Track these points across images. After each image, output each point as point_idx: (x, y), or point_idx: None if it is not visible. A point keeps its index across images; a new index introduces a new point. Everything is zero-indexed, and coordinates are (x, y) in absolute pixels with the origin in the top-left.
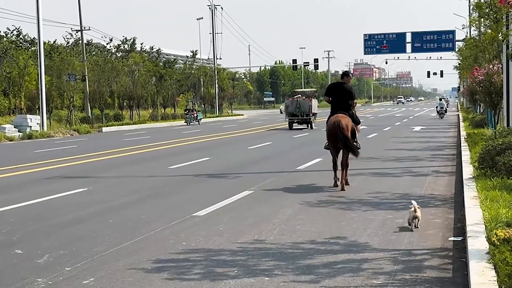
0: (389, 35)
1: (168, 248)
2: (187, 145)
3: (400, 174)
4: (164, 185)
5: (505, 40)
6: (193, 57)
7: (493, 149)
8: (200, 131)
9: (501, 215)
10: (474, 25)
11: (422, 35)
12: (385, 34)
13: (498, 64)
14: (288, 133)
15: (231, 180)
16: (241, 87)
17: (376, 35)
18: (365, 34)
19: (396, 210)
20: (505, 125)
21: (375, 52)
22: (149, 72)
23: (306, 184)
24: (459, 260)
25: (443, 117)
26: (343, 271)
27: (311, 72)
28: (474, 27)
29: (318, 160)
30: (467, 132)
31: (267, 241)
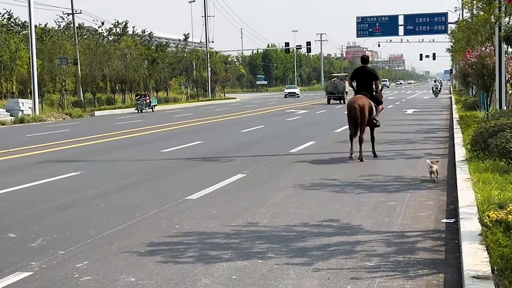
0: (382, 17)
1: (161, 231)
2: (180, 128)
3: (393, 157)
4: (156, 168)
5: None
6: (185, 41)
7: (486, 131)
8: (193, 114)
9: (493, 197)
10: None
11: (415, 18)
12: (377, 16)
13: (490, 46)
14: (281, 116)
15: (224, 163)
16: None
17: (368, 17)
18: (358, 16)
19: (389, 193)
20: (497, 107)
21: (368, 35)
22: (141, 55)
23: (299, 167)
24: (451, 242)
25: (438, 96)
26: (336, 253)
27: (303, 55)
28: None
29: (311, 143)
30: (459, 114)
31: (260, 224)
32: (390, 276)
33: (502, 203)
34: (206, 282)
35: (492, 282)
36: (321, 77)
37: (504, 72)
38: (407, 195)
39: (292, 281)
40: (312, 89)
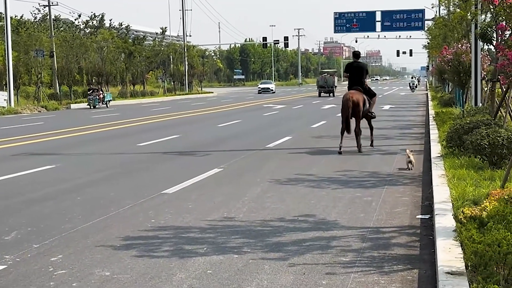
0: (359, 13)
1: (137, 225)
2: (157, 122)
3: (369, 153)
4: (133, 162)
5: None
6: (162, 34)
7: (461, 128)
8: (170, 108)
9: (468, 193)
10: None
11: (392, 14)
12: (355, 12)
13: (466, 43)
14: (258, 111)
15: (200, 157)
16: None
17: (346, 13)
18: (335, 12)
19: (364, 188)
20: (473, 104)
21: (345, 31)
22: (118, 48)
23: (275, 162)
24: (426, 238)
25: (414, 91)
26: (312, 248)
27: (281, 50)
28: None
29: (288, 138)
30: (435, 111)
31: (236, 218)
32: (365, 272)
33: (477, 200)
34: (181, 276)
35: (465, 278)
36: (298, 72)
37: (480, 69)
38: (382, 191)
39: (267, 276)
40: (289, 84)
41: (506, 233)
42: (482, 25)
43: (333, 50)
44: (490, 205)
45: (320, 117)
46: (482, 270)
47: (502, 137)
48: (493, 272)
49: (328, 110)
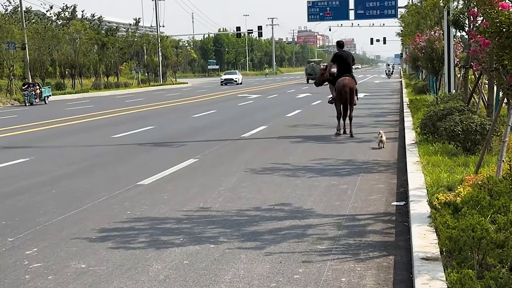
0: (333, 2)
1: (112, 217)
2: (131, 114)
3: (344, 141)
4: (107, 154)
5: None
6: (135, 25)
7: (435, 114)
8: (144, 99)
9: (442, 179)
10: None
11: (365, 2)
12: (328, 1)
13: (439, 30)
14: (233, 100)
15: (175, 148)
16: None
17: (319, 2)
18: (309, 1)
19: (340, 176)
20: (447, 91)
21: (319, 19)
22: (90, 40)
23: (250, 152)
24: (402, 224)
25: (390, 77)
26: (288, 237)
27: (255, 40)
28: None
29: (263, 127)
30: (409, 98)
31: (212, 208)
32: (341, 259)
33: (451, 185)
34: (157, 267)
35: (440, 263)
36: (272, 61)
37: (453, 56)
38: (358, 179)
39: (244, 265)
40: (263, 73)
41: (480, 218)
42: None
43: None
44: (464, 191)
45: (295, 106)
46: (456, 255)
47: (476, 123)
48: (468, 257)
49: (303, 99)
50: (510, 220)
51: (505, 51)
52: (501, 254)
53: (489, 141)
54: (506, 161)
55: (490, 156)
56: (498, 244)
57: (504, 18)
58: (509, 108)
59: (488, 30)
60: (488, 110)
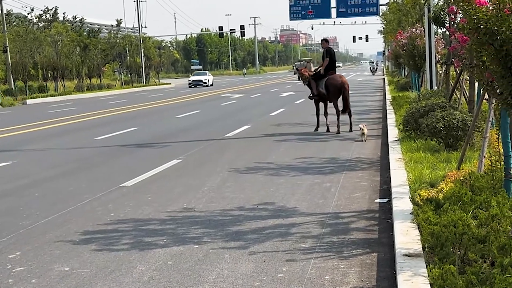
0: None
1: (96, 219)
2: (114, 115)
3: (327, 139)
4: (91, 156)
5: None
6: (118, 26)
7: (417, 111)
8: (127, 101)
9: (424, 175)
10: None
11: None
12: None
13: (420, 27)
14: (216, 100)
15: (159, 149)
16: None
17: (301, 0)
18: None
19: (323, 175)
20: (429, 87)
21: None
22: (72, 42)
23: (234, 151)
24: (385, 221)
25: (375, 74)
26: (272, 236)
27: (238, 39)
28: None
29: (246, 127)
30: (392, 95)
31: (196, 209)
32: (325, 257)
33: (433, 182)
34: (141, 268)
35: (423, 260)
36: (255, 60)
37: (434, 53)
38: (341, 176)
39: (228, 265)
40: (248, 73)
41: (462, 213)
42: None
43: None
44: (446, 187)
45: (278, 105)
46: (438, 251)
47: (457, 119)
48: (449, 253)
49: (286, 98)
50: (492, 215)
51: (483, 47)
52: (483, 249)
53: (471, 137)
54: (487, 157)
55: (472, 151)
56: (479, 239)
57: (482, 15)
58: (490, 104)
59: (466, 27)
60: (470, 106)
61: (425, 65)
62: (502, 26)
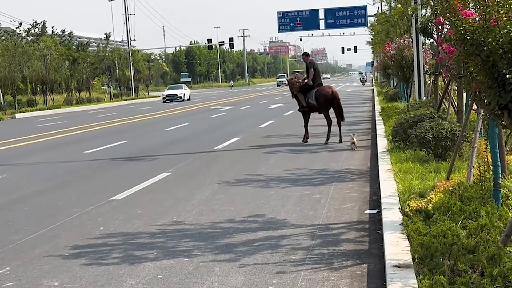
0: (303, 12)
1: (85, 233)
2: (104, 128)
3: (317, 150)
4: (80, 170)
5: (414, 14)
6: (106, 40)
7: (406, 122)
8: (116, 114)
9: (414, 186)
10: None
11: (335, 12)
12: (298, 11)
13: (408, 38)
14: (206, 113)
15: (148, 162)
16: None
17: (289, 12)
18: (279, 11)
19: (313, 186)
20: (417, 98)
21: (289, 30)
22: (61, 55)
23: (224, 164)
24: (375, 232)
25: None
26: (262, 248)
27: (227, 51)
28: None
29: (236, 139)
30: (381, 106)
31: (186, 222)
32: (315, 269)
33: (423, 192)
34: (131, 282)
35: (413, 270)
36: (245, 72)
37: (422, 63)
38: (331, 188)
39: (218, 278)
40: (236, 85)
41: (451, 224)
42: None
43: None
44: (435, 197)
45: (268, 116)
46: (428, 262)
47: (446, 129)
48: (439, 263)
49: (275, 110)
50: (481, 225)
51: (470, 58)
52: (472, 259)
53: (460, 147)
54: (476, 167)
55: (461, 161)
56: (469, 249)
57: (468, 26)
58: (478, 114)
59: (453, 38)
60: (458, 116)
61: (413, 75)
62: (489, 37)
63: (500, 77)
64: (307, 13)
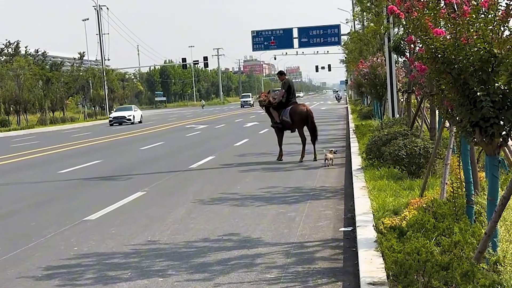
0: (277, 31)
1: (59, 254)
2: (78, 148)
3: (291, 168)
4: (54, 190)
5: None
6: (80, 59)
7: (379, 139)
8: (91, 133)
9: (388, 203)
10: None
11: (309, 30)
12: (272, 30)
13: (381, 56)
14: (181, 131)
15: (123, 182)
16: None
17: (263, 31)
18: (253, 30)
19: (288, 204)
20: (391, 115)
21: (264, 48)
22: (35, 75)
23: (199, 183)
24: (349, 250)
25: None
26: (237, 267)
27: (201, 70)
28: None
29: (211, 157)
30: (355, 124)
31: (161, 241)
32: (290, 287)
33: (397, 209)
34: None
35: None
36: (219, 91)
37: (395, 81)
38: (306, 206)
39: None
40: (211, 103)
41: (425, 241)
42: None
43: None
44: (409, 214)
45: (243, 135)
46: (402, 279)
47: (419, 146)
48: (413, 280)
49: (250, 128)
50: (454, 242)
51: (442, 76)
52: (446, 276)
53: (433, 164)
54: (449, 184)
55: (434, 178)
56: (443, 266)
57: (439, 44)
58: (451, 131)
59: (425, 56)
60: (431, 133)
61: (386, 93)
62: (459, 55)
63: (471, 95)
64: (281, 32)
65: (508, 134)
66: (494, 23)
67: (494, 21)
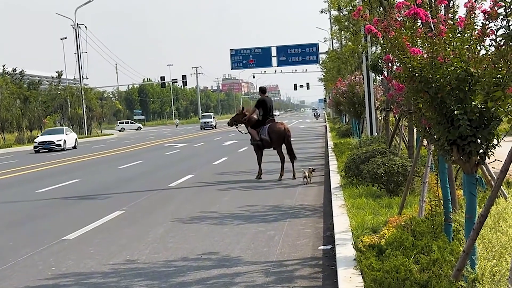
0: (255, 49)
1: (36, 274)
2: (56, 167)
3: (270, 187)
4: (32, 209)
5: (364, 51)
6: (58, 78)
7: (358, 157)
8: (69, 152)
9: (367, 221)
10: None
11: (287, 49)
12: (251, 48)
13: (359, 75)
14: (159, 150)
15: (101, 201)
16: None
17: (242, 50)
18: (231, 49)
19: (267, 222)
20: (369, 133)
21: (242, 67)
22: (12, 94)
23: (178, 201)
24: (329, 268)
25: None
26: (216, 286)
27: (180, 89)
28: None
29: (190, 176)
30: (334, 142)
31: (140, 260)
32: None
33: (376, 227)
34: None
35: None
36: (198, 110)
37: (373, 100)
38: (285, 224)
39: None
40: (190, 122)
41: (404, 259)
42: (373, 57)
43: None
44: (388, 232)
45: (221, 153)
46: None
47: (397, 165)
48: None
49: (229, 147)
50: (433, 260)
51: (419, 94)
52: None
53: (411, 182)
54: (427, 202)
55: (412, 196)
56: (421, 284)
57: (416, 63)
58: (429, 149)
59: (402, 75)
60: (409, 151)
61: (365, 111)
62: (436, 74)
63: (449, 113)
64: (259, 50)
65: (485, 153)
66: (471, 43)
67: (471, 41)
